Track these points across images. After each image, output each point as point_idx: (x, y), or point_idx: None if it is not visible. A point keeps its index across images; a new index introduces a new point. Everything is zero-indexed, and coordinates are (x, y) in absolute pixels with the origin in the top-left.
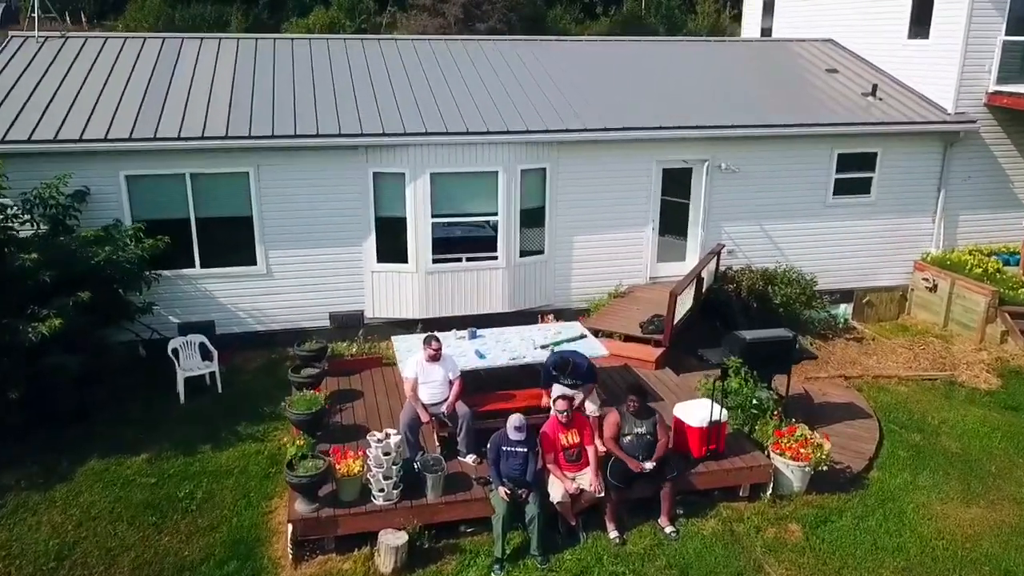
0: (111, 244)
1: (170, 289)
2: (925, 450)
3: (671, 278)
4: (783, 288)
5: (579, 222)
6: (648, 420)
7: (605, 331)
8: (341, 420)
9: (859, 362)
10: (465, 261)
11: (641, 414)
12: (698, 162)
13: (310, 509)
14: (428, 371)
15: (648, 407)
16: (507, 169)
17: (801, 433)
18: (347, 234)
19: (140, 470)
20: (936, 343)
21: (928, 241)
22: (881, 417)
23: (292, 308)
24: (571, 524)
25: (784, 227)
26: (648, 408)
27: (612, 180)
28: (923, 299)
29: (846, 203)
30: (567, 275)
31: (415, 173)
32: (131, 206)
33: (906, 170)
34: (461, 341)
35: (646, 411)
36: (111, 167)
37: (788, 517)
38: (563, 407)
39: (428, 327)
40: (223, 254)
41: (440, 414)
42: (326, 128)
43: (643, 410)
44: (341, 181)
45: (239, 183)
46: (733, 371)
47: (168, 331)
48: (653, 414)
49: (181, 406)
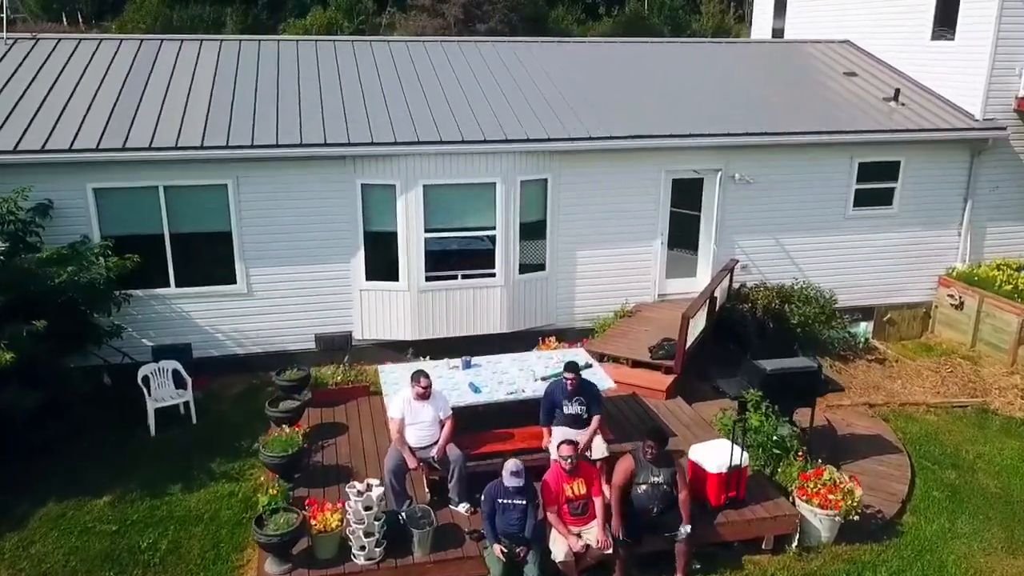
0: (75, 263)
1: (143, 310)
2: (962, 490)
3: (681, 295)
4: (801, 307)
5: (583, 236)
6: (666, 469)
7: (611, 356)
8: (322, 460)
9: (883, 387)
10: (460, 279)
11: (659, 462)
12: (710, 172)
13: (282, 570)
14: (416, 411)
15: (667, 454)
16: (506, 180)
17: (829, 477)
18: (334, 250)
19: (101, 515)
20: (964, 365)
21: (953, 255)
22: (911, 451)
23: (275, 330)
24: None
25: (801, 241)
26: (667, 455)
27: (618, 191)
28: (948, 317)
29: (867, 215)
30: (570, 293)
31: (407, 185)
32: (100, 221)
33: (930, 180)
34: (454, 372)
35: (664, 459)
36: (77, 179)
37: (816, 573)
38: (567, 453)
39: (421, 349)
40: (200, 272)
41: (429, 459)
42: (310, 137)
43: (661, 457)
44: (327, 194)
45: (217, 196)
46: (752, 406)
47: (141, 355)
48: (672, 463)
49: (151, 440)
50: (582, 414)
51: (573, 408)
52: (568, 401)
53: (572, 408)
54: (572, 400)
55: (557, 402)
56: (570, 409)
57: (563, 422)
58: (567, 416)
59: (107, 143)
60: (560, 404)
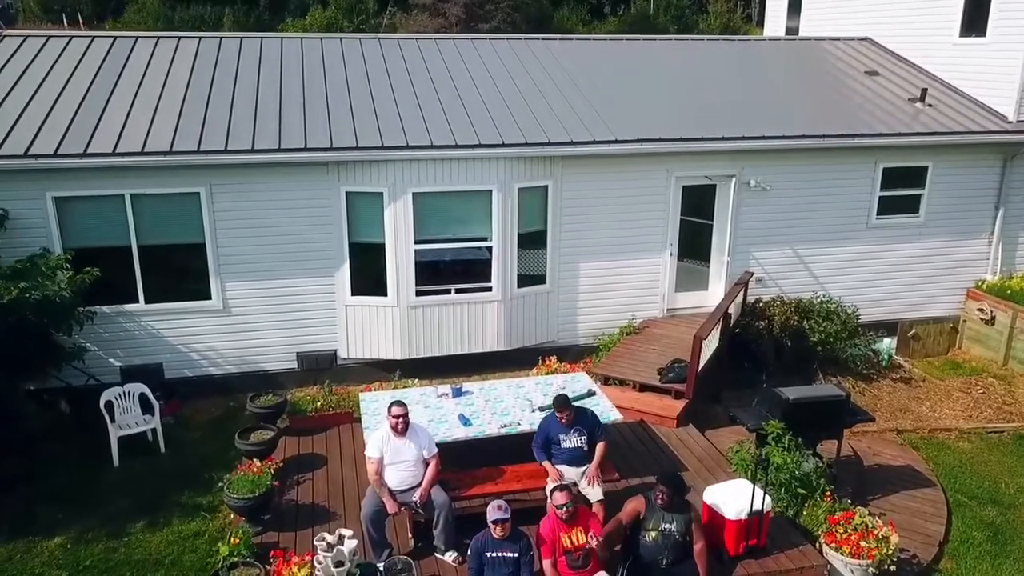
0: (29, 278)
1: (110, 328)
2: (1004, 530)
3: (691, 309)
4: (821, 323)
5: (586, 247)
6: (681, 516)
7: (617, 378)
8: (297, 498)
9: (910, 410)
10: (454, 293)
11: (672, 508)
12: (723, 178)
13: None
14: (397, 449)
15: (684, 501)
16: (502, 188)
17: (861, 521)
18: (316, 264)
19: (51, 559)
20: (996, 385)
21: (983, 266)
22: (946, 484)
23: (253, 349)
24: None
25: (821, 252)
26: (684, 502)
27: (624, 199)
28: (978, 332)
29: (891, 224)
30: (572, 308)
31: (395, 193)
32: (62, 232)
33: (960, 186)
34: (443, 400)
35: (679, 504)
36: (36, 187)
37: None
38: (562, 501)
39: (411, 369)
40: (172, 287)
41: (411, 503)
42: (290, 141)
43: (675, 503)
44: (309, 203)
45: (188, 205)
46: (774, 439)
47: (109, 375)
48: (688, 509)
49: (113, 471)
50: (582, 446)
51: (572, 440)
52: (566, 434)
53: (571, 440)
54: (570, 431)
55: (552, 437)
56: (569, 442)
57: (563, 459)
58: (566, 451)
59: (67, 148)
60: (556, 439)
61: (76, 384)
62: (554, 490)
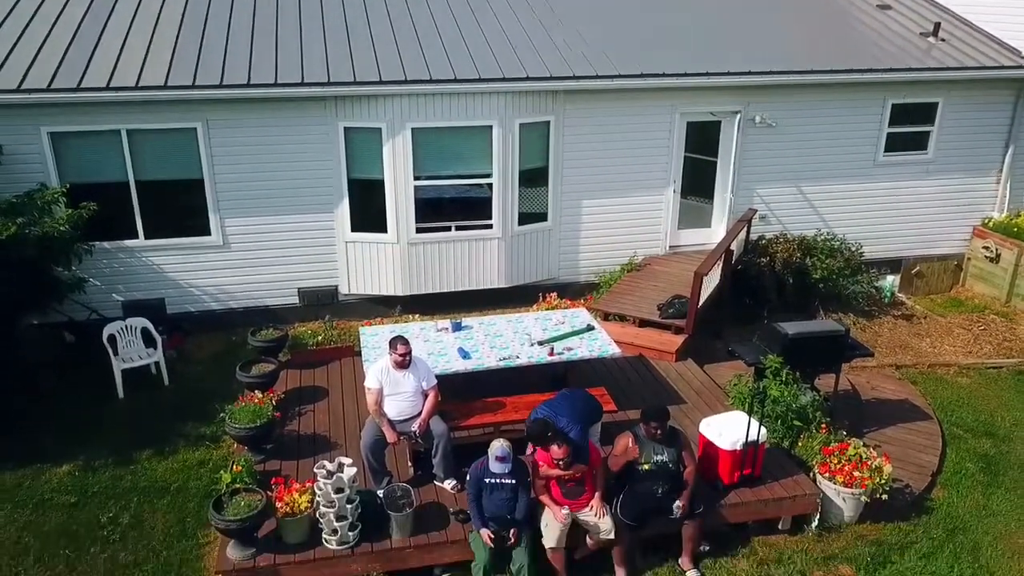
0: (27, 213)
1: (111, 263)
2: (997, 462)
3: (694, 247)
4: (824, 260)
5: (588, 184)
6: (672, 447)
7: (617, 314)
8: (298, 429)
9: (911, 346)
10: (454, 230)
11: (664, 440)
12: (728, 115)
13: (245, 556)
14: (396, 380)
15: (672, 430)
16: (503, 123)
17: (855, 451)
18: (316, 200)
19: (60, 486)
20: (998, 322)
21: (991, 204)
22: (942, 418)
23: (254, 284)
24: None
25: (826, 189)
26: (673, 432)
27: (628, 135)
28: (982, 270)
29: (899, 161)
30: (574, 245)
31: (394, 128)
32: (58, 168)
33: (970, 123)
34: (443, 334)
35: (670, 436)
36: (31, 122)
37: (838, 556)
38: (560, 455)
39: (411, 305)
40: (171, 223)
41: (411, 433)
42: (286, 76)
43: (666, 435)
44: (307, 138)
45: (185, 141)
46: (772, 373)
47: (111, 311)
48: (678, 439)
49: (118, 403)
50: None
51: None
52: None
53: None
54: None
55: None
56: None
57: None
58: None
59: (60, 82)
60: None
61: (79, 319)
62: (551, 443)
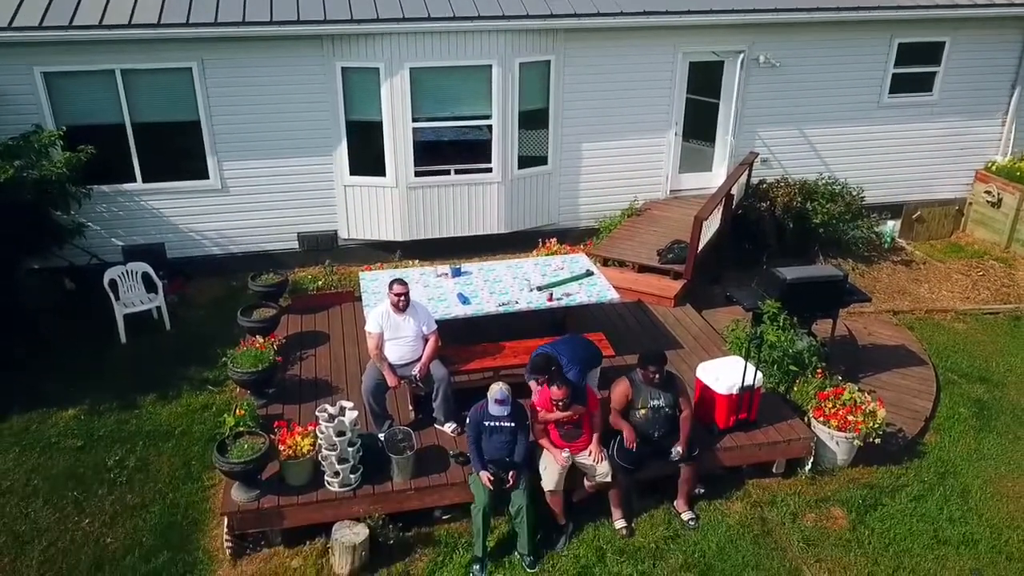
0: (24, 156)
1: (110, 207)
2: (990, 407)
3: (694, 191)
4: (825, 204)
5: (589, 126)
6: (669, 392)
7: (616, 260)
8: (300, 373)
9: (909, 291)
10: (453, 174)
11: (660, 385)
12: (731, 54)
13: (249, 497)
14: (396, 325)
15: (670, 375)
16: (503, 62)
17: (849, 396)
18: (314, 142)
19: (66, 429)
20: (997, 268)
21: (994, 148)
22: (937, 363)
23: (254, 229)
24: (560, 523)
25: (829, 132)
26: (670, 377)
27: (629, 76)
28: (983, 215)
29: (903, 103)
30: (574, 190)
31: (391, 68)
32: (53, 110)
33: (977, 64)
34: (443, 280)
35: (667, 381)
36: (23, 62)
37: (830, 499)
38: (559, 396)
39: (411, 251)
40: (169, 166)
41: (411, 377)
42: (282, 13)
43: (663, 380)
44: (303, 79)
45: (180, 82)
46: (769, 318)
47: (111, 255)
48: (674, 383)
49: (121, 348)
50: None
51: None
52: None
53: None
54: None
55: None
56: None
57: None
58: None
59: (52, 20)
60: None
61: (79, 263)
62: (553, 380)
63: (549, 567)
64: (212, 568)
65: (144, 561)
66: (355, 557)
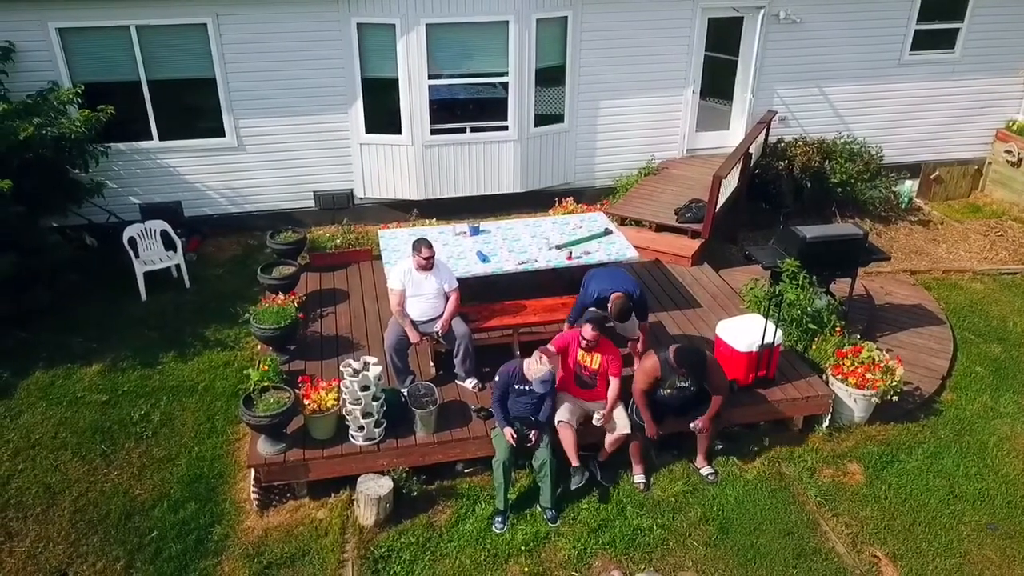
0: (42, 115)
1: (127, 165)
2: (1007, 365)
3: (712, 150)
4: (843, 164)
5: (606, 84)
6: (697, 379)
7: (634, 219)
8: (321, 330)
9: (926, 251)
10: (469, 132)
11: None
12: (751, 10)
13: (275, 451)
14: (418, 282)
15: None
16: (520, 18)
17: (868, 354)
18: (329, 100)
19: (91, 385)
20: (1015, 228)
21: (1015, 107)
22: (954, 323)
23: (270, 187)
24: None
25: (848, 90)
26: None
27: (647, 32)
28: (1002, 175)
29: (924, 60)
30: (591, 148)
31: (407, 24)
32: (69, 67)
33: (1001, 19)
34: (461, 238)
35: (697, 376)
36: (38, 17)
37: (848, 455)
38: (590, 335)
39: (427, 210)
40: (185, 124)
41: (433, 333)
42: None
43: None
44: (319, 35)
45: (196, 38)
46: (788, 277)
47: (129, 214)
48: (705, 373)
49: (141, 305)
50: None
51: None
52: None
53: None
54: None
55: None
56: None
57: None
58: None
59: None
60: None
61: (98, 221)
62: (586, 322)
63: (570, 519)
64: (239, 519)
65: (172, 511)
66: (379, 509)
